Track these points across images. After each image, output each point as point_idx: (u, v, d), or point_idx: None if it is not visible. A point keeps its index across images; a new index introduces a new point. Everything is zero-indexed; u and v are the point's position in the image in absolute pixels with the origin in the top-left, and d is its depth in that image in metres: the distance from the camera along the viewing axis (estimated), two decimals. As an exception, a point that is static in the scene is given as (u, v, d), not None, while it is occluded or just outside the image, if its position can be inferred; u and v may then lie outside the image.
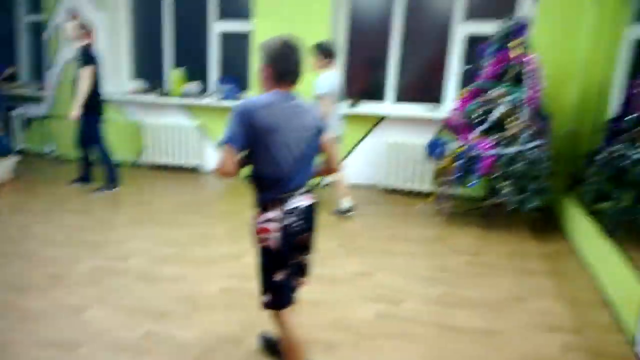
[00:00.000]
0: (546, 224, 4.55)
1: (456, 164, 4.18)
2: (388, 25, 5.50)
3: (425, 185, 5.37)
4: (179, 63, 6.43)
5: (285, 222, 1.96)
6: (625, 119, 3.40)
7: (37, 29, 6.96)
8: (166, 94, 6.31)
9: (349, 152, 5.76)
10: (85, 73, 4.86)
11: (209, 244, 3.92)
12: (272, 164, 1.95)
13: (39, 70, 7.01)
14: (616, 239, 3.17)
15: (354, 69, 5.84)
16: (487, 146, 4.05)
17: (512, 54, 4.12)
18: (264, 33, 5.46)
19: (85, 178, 5.48)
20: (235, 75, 6.11)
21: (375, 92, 5.74)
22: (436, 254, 3.84)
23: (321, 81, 4.27)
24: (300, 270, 2.17)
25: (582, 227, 3.89)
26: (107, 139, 5.28)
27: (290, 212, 1.97)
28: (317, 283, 3.26)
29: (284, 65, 1.97)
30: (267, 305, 2.09)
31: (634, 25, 3.69)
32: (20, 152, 6.40)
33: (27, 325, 2.73)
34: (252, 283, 3.19)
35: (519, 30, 4.15)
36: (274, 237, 1.96)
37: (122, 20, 6.52)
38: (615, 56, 3.79)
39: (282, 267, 2.02)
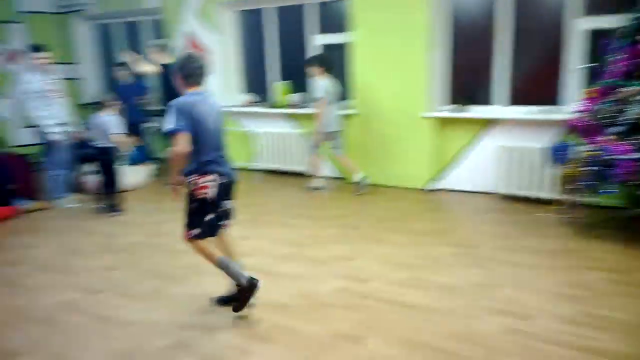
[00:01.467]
0: None
1: (586, 169, 3.82)
2: (494, 25, 5.20)
3: (546, 192, 4.97)
4: (284, 77, 6.66)
5: (219, 181, 2.73)
6: None
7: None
8: (274, 106, 6.56)
9: (455, 157, 5.52)
10: None
11: (321, 245, 3.96)
12: (205, 143, 2.69)
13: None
14: None
15: (458, 72, 5.60)
16: (624, 150, 3.66)
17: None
18: (362, 44, 5.49)
19: None
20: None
21: (483, 95, 5.46)
22: (567, 269, 3.52)
23: (318, 87, 5.26)
24: (226, 215, 2.90)
25: None
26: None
27: (221, 173, 2.74)
28: (432, 290, 3.19)
29: (187, 72, 2.73)
30: (197, 236, 2.79)
31: None
32: (155, 160, 7.04)
33: (171, 308, 2.95)
34: (365, 285, 3.20)
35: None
36: (211, 191, 2.71)
37: (232, 41, 6.92)
38: None
39: (213, 211, 2.78)
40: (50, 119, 5.12)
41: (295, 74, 6.40)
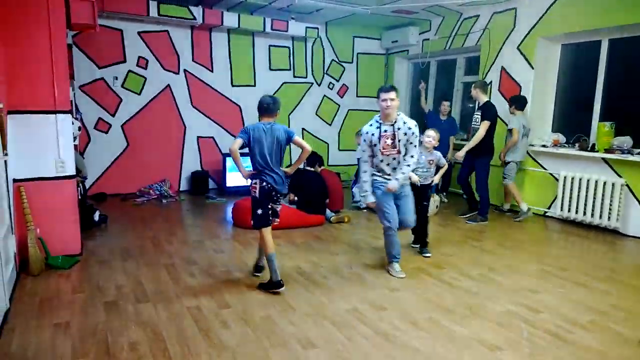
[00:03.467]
0: None
1: None
2: None
3: None
4: (608, 117, 5.83)
5: (262, 184, 3.66)
6: None
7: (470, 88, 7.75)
8: (589, 148, 5.82)
9: None
10: (483, 125, 5.80)
11: (636, 324, 3.24)
12: (259, 158, 3.64)
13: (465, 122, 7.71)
14: None
15: None
16: None
17: None
18: None
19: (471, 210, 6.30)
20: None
21: None
22: None
23: (512, 120, 6.09)
24: (273, 213, 3.78)
25: None
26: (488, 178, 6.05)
27: (265, 180, 3.65)
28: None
29: (261, 108, 3.72)
30: (254, 226, 3.75)
31: None
32: (444, 192, 7.42)
33: (447, 346, 2.90)
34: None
35: None
36: (257, 192, 3.67)
37: (551, 77, 6.50)
38: None
39: (261, 207, 3.68)
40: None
41: (624, 115, 5.56)
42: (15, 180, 4.01)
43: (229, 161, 7.46)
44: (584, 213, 5.78)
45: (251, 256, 4.52)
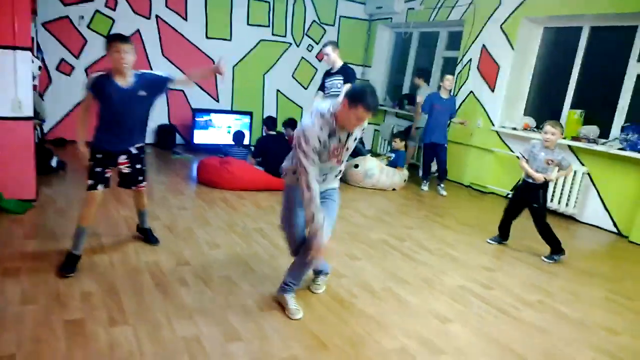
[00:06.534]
0: None
1: None
2: None
3: None
4: (578, 105, 5.94)
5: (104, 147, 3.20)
6: None
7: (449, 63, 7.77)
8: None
9: None
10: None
11: (580, 306, 3.39)
12: (106, 118, 3.23)
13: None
14: None
15: None
16: None
17: None
18: None
19: None
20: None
21: None
22: None
23: (422, 92, 6.79)
24: (126, 182, 3.40)
25: None
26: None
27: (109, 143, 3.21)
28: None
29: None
30: (87, 188, 3.15)
31: None
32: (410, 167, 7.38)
33: (400, 315, 2.96)
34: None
35: None
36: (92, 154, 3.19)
37: (530, 59, 6.53)
38: None
39: (91, 177, 3.15)
40: None
41: (594, 104, 5.66)
42: (-33, 117, 3.80)
43: (199, 117, 7.30)
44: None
45: (215, 215, 4.47)
